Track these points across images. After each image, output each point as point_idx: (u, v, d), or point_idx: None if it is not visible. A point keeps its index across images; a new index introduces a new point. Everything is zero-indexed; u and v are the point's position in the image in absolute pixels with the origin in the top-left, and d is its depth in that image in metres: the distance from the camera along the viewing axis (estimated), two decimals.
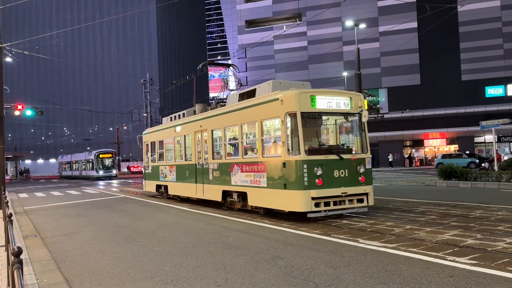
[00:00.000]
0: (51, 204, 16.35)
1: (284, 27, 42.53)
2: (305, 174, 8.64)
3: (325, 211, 8.73)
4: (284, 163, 9.03)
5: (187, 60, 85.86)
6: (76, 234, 8.83)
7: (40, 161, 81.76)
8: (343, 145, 10.30)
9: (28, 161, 79.00)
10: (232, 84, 17.55)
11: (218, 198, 11.92)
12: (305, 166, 8.65)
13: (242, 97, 11.36)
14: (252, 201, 10.41)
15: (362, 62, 27.46)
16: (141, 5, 74.24)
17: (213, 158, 12.28)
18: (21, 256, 3.07)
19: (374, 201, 9.88)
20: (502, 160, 23.87)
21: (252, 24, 50.96)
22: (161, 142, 16.98)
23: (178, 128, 14.99)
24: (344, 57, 44.82)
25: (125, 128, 61.70)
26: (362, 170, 9.37)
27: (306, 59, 46.51)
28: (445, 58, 42.98)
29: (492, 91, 42.02)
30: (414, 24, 41.69)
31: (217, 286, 4.70)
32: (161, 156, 16.98)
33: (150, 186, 18.00)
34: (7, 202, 9.64)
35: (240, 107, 10.95)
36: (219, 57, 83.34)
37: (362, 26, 29.78)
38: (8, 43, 17.84)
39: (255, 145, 10.49)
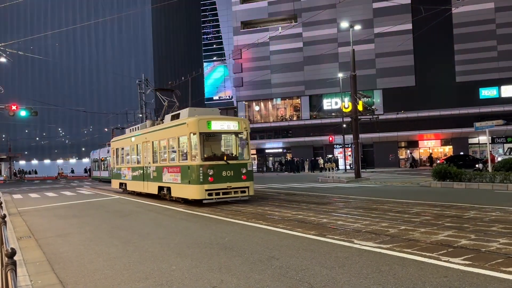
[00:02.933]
0: (45, 205, 16.27)
1: (280, 28, 42.53)
2: (201, 174, 12.87)
3: (215, 198, 13.07)
4: (189, 167, 13.32)
5: (183, 61, 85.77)
6: (71, 235, 8.79)
7: (34, 161, 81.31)
8: (231, 153, 14.32)
9: (22, 162, 78.52)
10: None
11: (155, 191, 16.15)
12: (201, 168, 12.89)
13: (173, 118, 15.39)
14: (173, 193, 14.66)
15: (357, 63, 27.56)
16: (137, 6, 74.10)
17: (153, 162, 16.52)
18: (15, 258, 3.05)
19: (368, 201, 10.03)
20: (496, 161, 24.01)
21: (247, 25, 50.96)
22: (122, 149, 21.18)
23: (133, 139, 19.26)
24: (339, 58, 44.90)
25: (121, 128, 61.51)
26: (244, 171, 13.63)
27: (302, 60, 46.59)
28: (440, 59, 43.19)
29: (486, 92, 42.27)
30: (409, 26, 41.88)
31: (212, 286, 4.71)
32: (122, 160, 21.19)
33: (115, 184, 22.28)
34: (1, 203, 9.59)
35: (168, 126, 15.28)
36: (214, 58, 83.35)
37: (357, 27, 29.85)
38: (3, 43, 17.74)
39: (175, 153, 14.57)
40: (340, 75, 38.41)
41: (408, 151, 42.72)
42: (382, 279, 4.67)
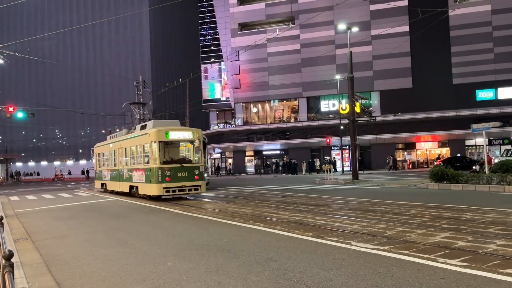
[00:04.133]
0: (42, 207, 16.22)
1: (277, 30, 42.59)
2: (159, 175, 15.70)
3: (171, 195, 15.99)
4: (150, 169, 16.25)
5: (181, 62, 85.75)
6: (68, 237, 8.77)
7: (31, 163, 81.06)
8: (186, 158, 17.34)
9: (19, 164, 78.25)
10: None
11: (127, 190, 19.02)
12: (159, 170, 15.70)
13: (142, 128, 18.54)
14: (140, 191, 17.60)
15: (355, 65, 27.63)
16: (134, 8, 74.08)
17: (126, 165, 19.41)
18: (12, 260, 3.05)
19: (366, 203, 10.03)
20: (493, 163, 24.10)
21: (245, 27, 50.96)
22: (103, 153, 24.26)
23: (111, 145, 22.20)
24: (337, 60, 44.97)
25: (117, 130, 61.42)
26: (197, 172, 16.45)
27: (299, 62, 46.65)
28: (437, 61, 43.31)
29: (483, 94, 42.40)
30: (406, 28, 41.98)
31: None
32: (103, 163, 24.26)
33: (97, 184, 25.58)
34: None
35: (136, 135, 18.38)
36: (212, 60, 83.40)
37: (355, 29, 29.91)
38: (0, 45, 17.73)
39: (141, 158, 17.49)
40: (338, 77, 38.45)
41: (391, 155, 42.74)
42: (380, 280, 4.68)
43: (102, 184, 24.31)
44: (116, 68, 75.65)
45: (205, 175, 18.27)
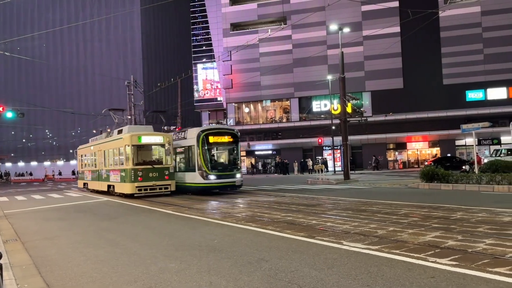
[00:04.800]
0: (32, 208, 16.06)
1: (269, 30, 42.61)
2: (132, 175, 17.51)
3: (144, 193, 17.69)
4: (124, 170, 18.01)
5: (172, 62, 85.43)
6: (58, 238, 8.70)
7: (21, 163, 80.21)
8: (157, 160, 18.83)
9: (8, 164, 77.39)
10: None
11: (106, 189, 20.80)
12: (132, 171, 17.52)
13: (119, 132, 19.99)
14: (116, 190, 19.32)
15: (346, 66, 27.71)
16: (125, 7, 73.66)
17: (104, 166, 21.22)
18: (1, 261, 3.02)
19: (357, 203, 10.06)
20: (482, 163, 24.32)
21: (237, 27, 50.90)
22: (85, 155, 26.17)
23: (92, 147, 24.06)
24: (328, 60, 45.09)
25: (108, 130, 61.01)
26: (167, 172, 18.29)
27: (291, 62, 46.73)
28: (427, 62, 43.63)
29: (473, 95, 42.81)
30: (397, 29, 42.25)
31: None
32: (85, 164, 26.25)
33: (80, 184, 27.39)
34: None
35: (114, 139, 20.01)
36: (204, 60, 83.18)
37: (346, 30, 30.03)
38: None
39: (117, 160, 19.18)
40: (329, 77, 38.58)
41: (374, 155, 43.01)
42: (371, 280, 4.70)
43: (84, 184, 26.14)
44: (107, 68, 75.13)
45: (238, 175, 18.36)
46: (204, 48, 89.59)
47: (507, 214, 9.05)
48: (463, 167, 26.96)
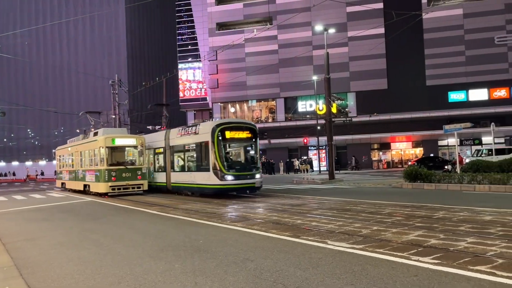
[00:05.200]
0: (13, 208, 15.77)
1: (255, 30, 42.64)
2: (106, 175, 18.58)
3: (117, 192, 18.72)
4: (99, 170, 19.00)
5: (158, 61, 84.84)
6: (41, 239, 8.56)
7: (1, 163, 78.70)
8: (131, 161, 19.80)
9: None
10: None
11: (82, 188, 21.70)
12: (106, 171, 18.58)
13: (95, 134, 21.13)
14: (91, 189, 20.34)
15: (331, 66, 27.90)
16: (110, 5, 72.85)
17: (80, 167, 22.24)
18: None
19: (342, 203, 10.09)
20: (464, 163, 24.76)
21: (223, 26, 50.81)
22: (63, 156, 27.12)
23: (69, 148, 25.14)
24: (314, 61, 45.32)
25: (92, 130, 60.25)
26: (139, 173, 19.33)
27: (277, 62, 46.85)
28: (411, 63, 44.21)
29: (455, 96, 43.53)
30: (382, 30, 42.70)
31: None
32: (63, 165, 27.12)
33: (58, 183, 28.43)
34: None
35: (89, 141, 21.14)
36: (189, 59, 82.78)
37: (331, 31, 30.22)
38: None
39: (92, 161, 20.18)
40: (315, 77, 38.76)
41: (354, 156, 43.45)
42: (355, 279, 4.75)
43: (62, 183, 27.16)
44: (92, 66, 74.24)
45: (258, 175, 16.08)
46: (189, 47, 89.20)
47: (487, 213, 9.23)
48: (446, 167, 27.44)
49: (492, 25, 42.54)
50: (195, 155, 17.12)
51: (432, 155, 39.01)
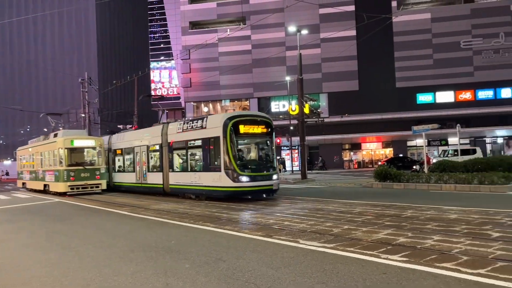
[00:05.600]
0: None
1: (228, 30, 42.56)
2: (65, 175, 19.37)
3: (76, 191, 19.54)
4: (58, 170, 19.78)
5: (129, 59, 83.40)
6: (5, 242, 8.27)
7: None
8: (90, 161, 20.53)
9: None
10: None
11: (42, 188, 22.24)
12: (65, 172, 19.38)
13: (55, 136, 21.45)
14: (51, 189, 20.97)
15: (304, 67, 28.13)
16: (79, 1, 71.13)
17: (41, 167, 22.74)
18: None
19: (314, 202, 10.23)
20: (432, 163, 25.45)
21: (196, 25, 50.48)
22: (24, 156, 27.54)
23: (30, 149, 25.67)
24: (287, 61, 45.62)
25: (60, 129, 58.66)
26: (98, 173, 20.23)
27: (250, 62, 46.90)
28: (382, 65, 45.13)
29: (423, 98, 44.74)
30: (353, 32, 43.38)
31: None
32: (24, 165, 27.57)
33: (19, 183, 28.87)
34: None
35: (49, 142, 21.79)
36: (162, 58, 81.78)
37: (304, 32, 30.48)
38: None
39: (52, 161, 20.82)
40: (288, 78, 39.03)
41: (320, 156, 44.11)
42: (326, 277, 4.81)
43: (23, 183, 27.67)
44: (60, 63, 72.28)
45: (275, 176, 14.20)
46: (162, 45, 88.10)
47: (453, 211, 9.53)
48: (414, 167, 28.11)
49: (458, 29, 43.94)
50: (201, 153, 15.01)
51: (401, 155, 39.95)
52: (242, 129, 13.88)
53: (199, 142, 15.07)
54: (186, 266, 5.61)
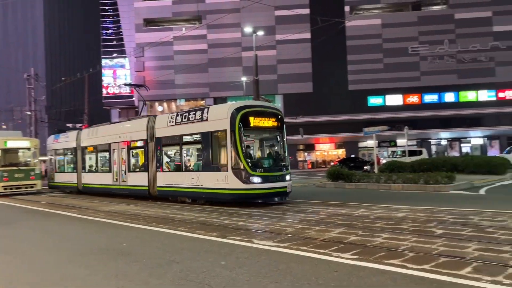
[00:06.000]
0: None
1: (184, 28, 42.07)
2: None
3: (9, 192, 19.90)
4: None
5: (79, 56, 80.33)
6: None
7: None
8: (24, 162, 21.13)
9: None
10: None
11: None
12: None
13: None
14: None
15: (260, 68, 28.33)
16: None
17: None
18: None
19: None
20: (381, 163, 26.42)
21: (150, 23, 49.52)
22: None
23: None
24: (243, 62, 45.76)
25: (4, 127, 55.48)
26: (32, 173, 20.59)
27: (206, 62, 46.62)
28: (335, 68, 46.34)
29: (374, 100, 46.41)
30: (308, 35, 44.17)
31: None
32: None
33: None
34: None
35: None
36: (114, 55, 79.46)
37: (260, 33, 30.73)
38: None
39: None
40: (244, 78, 39.18)
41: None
42: (280, 277, 4.87)
43: None
44: (4, 58, 68.42)
45: (288, 177, 12.43)
46: (114, 42, 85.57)
47: (401, 210, 9.94)
48: (365, 167, 29.07)
49: (407, 35, 45.91)
50: (201, 150, 12.88)
51: (353, 156, 41.17)
52: (252, 121, 12.01)
53: (198, 137, 12.94)
54: (138, 268, 5.50)
